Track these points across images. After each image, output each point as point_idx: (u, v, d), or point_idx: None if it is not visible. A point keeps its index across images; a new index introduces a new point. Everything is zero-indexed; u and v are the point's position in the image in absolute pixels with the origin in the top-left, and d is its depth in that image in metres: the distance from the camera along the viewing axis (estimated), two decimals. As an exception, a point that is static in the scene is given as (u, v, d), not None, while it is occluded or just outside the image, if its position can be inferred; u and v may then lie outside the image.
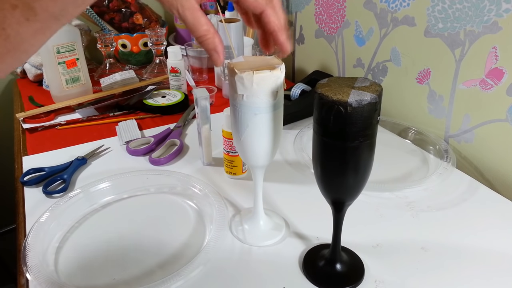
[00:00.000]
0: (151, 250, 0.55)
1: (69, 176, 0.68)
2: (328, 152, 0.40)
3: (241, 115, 0.45)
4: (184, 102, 0.95)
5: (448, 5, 0.70)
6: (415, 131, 0.81)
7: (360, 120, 0.37)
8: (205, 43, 0.38)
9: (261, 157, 0.49)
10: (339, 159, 0.40)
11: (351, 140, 0.38)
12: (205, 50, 0.39)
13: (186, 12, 0.36)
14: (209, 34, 0.38)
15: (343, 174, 0.41)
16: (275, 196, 0.65)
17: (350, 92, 0.37)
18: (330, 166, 0.42)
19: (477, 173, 0.74)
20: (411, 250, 0.54)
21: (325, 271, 0.50)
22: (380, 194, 0.65)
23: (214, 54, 0.39)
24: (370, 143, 0.40)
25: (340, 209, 0.46)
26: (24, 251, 0.51)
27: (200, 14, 0.37)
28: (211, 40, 0.38)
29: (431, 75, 0.78)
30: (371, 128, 0.38)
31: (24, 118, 0.89)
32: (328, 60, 1.05)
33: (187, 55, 1.10)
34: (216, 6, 1.24)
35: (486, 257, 0.53)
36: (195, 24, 0.37)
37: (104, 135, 0.84)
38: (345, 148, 0.39)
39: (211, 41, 0.38)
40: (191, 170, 0.71)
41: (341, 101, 0.36)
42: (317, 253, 0.53)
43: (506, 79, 0.65)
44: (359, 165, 0.41)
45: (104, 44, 1.07)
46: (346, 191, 0.43)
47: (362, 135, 0.38)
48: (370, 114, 0.37)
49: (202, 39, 0.38)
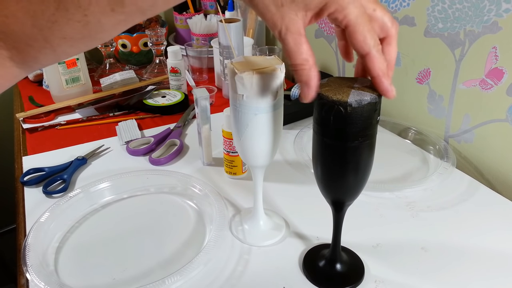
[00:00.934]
0: (151, 250, 0.55)
1: (69, 176, 0.68)
2: (328, 152, 0.40)
3: (241, 115, 0.45)
4: (184, 102, 0.95)
5: (448, 5, 0.70)
6: (415, 131, 0.81)
7: (360, 120, 0.37)
8: (299, 73, 0.35)
9: (261, 157, 0.49)
10: (339, 159, 0.40)
11: (351, 140, 0.38)
12: (297, 80, 0.36)
13: (288, 36, 0.33)
14: (307, 65, 0.35)
15: (343, 174, 0.41)
16: (275, 196, 0.65)
17: (350, 92, 0.37)
18: (330, 166, 0.42)
19: (477, 173, 0.74)
20: (411, 250, 0.54)
21: (325, 271, 0.50)
22: (380, 194, 0.65)
23: (305, 88, 0.36)
24: (370, 143, 0.40)
25: (340, 209, 0.46)
26: (24, 251, 0.51)
27: (303, 41, 0.34)
28: (307, 72, 0.35)
29: (431, 75, 0.78)
30: (371, 128, 0.38)
31: (24, 118, 0.89)
32: (328, 60, 1.05)
33: (187, 55, 1.10)
34: (216, 6, 1.24)
35: (486, 257, 0.53)
36: (295, 50, 0.34)
37: (104, 135, 0.84)
38: (345, 148, 0.39)
39: (306, 73, 0.35)
40: (191, 170, 0.71)
41: (341, 101, 0.36)
42: (317, 253, 0.53)
43: (506, 79, 0.65)
44: (359, 165, 0.41)
45: (104, 44, 1.07)
46: (346, 191, 0.43)
47: (362, 135, 0.38)
48: (370, 114, 0.37)
49: (297, 68, 0.35)
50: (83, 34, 0.28)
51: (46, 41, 0.28)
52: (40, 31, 0.27)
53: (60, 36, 0.28)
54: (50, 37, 0.28)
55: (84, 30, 0.28)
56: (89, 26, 0.28)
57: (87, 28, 0.28)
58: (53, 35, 0.28)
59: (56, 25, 0.27)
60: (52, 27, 0.27)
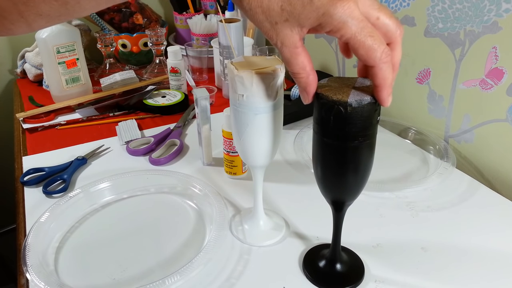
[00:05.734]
0: (151, 250, 0.55)
1: (69, 176, 0.68)
2: (328, 152, 0.40)
3: (241, 115, 0.45)
4: (184, 102, 0.95)
5: (448, 5, 0.70)
6: (415, 131, 0.81)
7: (360, 120, 0.37)
8: (297, 81, 0.37)
9: (261, 157, 0.49)
10: (339, 159, 0.40)
11: (351, 140, 0.38)
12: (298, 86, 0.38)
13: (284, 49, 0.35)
14: (303, 73, 0.36)
15: (343, 174, 0.41)
16: (275, 196, 0.65)
17: (350, 92, 0.37)
18: (330, 166, 0.42)
19: (477, 173, 0.74)
20: (411, 250, 0.54)
21: (325, 271, 0.50)
22: (380, 194, 0.65)
23: (303, 93, 0.38)
24: (370, 143, 0.40)
25: (340, 209, 0.46)
26: (24, 251, 0.51)
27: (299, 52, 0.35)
28: (304, 80, 0.37)
29: (431, 75, 0.78)
30: (371, 128, 0.38)
31: (24, 118, 0.89)
32: (328, 60, 1.05)
33: (187, 55, 1.10)
34: (216, 6, 1.24)
35: (486, 257, 0.53)
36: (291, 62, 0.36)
37: (104, 135, 0.84)
38: (345, 148, 0.39)
39: (304, 80, 0.37)
40: (191, 170, 0.71)
41: (341, 101, 0.36)
42: (317, 253, 0.53)
43: (506, 79, 0.65)
44: (359, 165, 0.41)
45: (104, 44, 1.07)
46: (346, 191, 0.43)
47: (362, 135, 0.38)
48: (370, 114, 0.37)
49: (295, 76, 0.37)
50: (60, 13, 0.28)
51: (21, 15, 0.28)
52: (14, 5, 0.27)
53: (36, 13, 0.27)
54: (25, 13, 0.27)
55: (62, 9, 0.27)
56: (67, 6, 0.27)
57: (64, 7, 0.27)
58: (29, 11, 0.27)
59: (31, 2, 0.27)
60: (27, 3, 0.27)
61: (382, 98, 0.36)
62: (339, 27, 0.32)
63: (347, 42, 0.33)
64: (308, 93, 0.38)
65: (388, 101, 0.36)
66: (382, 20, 0.35)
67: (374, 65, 0.34)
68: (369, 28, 0.33)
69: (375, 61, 0.34)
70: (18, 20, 0.28)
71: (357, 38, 0.33)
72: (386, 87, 0.35)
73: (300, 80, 0.37)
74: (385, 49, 0.34)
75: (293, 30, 0.34)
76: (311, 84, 0.37)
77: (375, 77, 0.35)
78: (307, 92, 0.38)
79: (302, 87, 0.38)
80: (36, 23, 0.29)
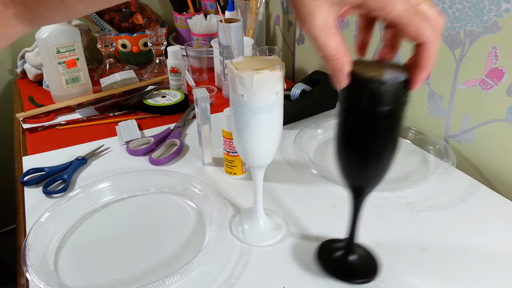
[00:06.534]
0: (151, 250, 0.55)
1: (69, 176, 0.68)
2: (356, 133, 0.39)
3: (241, 115, 0.45)
4: (184, 102, 0.95)
5: (448, 5, 0.70)
6: (415, 131, 0.80)
7: (394, 99, 0.36)
8: (332, 63, 0.35)
9: (261, 157, 0.49)
10: (368, 140, 0.39)
11: (384, 119, 0.37)
12: (330, 70, 0.36)
13: (316, 31, 0.33)
14: (339, 54, 0.34)
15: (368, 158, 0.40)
16: (275, 196, 0.65)
17: (383, 70, 0.36)
18: (356, 148, 0.41)
19: (477, 173, 0.74)
20: (411, 250, 0.54)
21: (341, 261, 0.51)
22: (380, 194, 0.65)
23: (339, 75, 0.36)
24: (399, 125, 0.39)
25: (360, 196, 0.45)
26: (24, 251, 0.51)
27: (333, 32, 0.33)
28: (340, 60, 0.35)
29: (431, 75, 0.78)
30: (403, 108, 0.38)
31: (24, 118, 0.89)
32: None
33: (187, 55, 1.10)
34: (216, 6, 1.24)
35: (486, 257, 0.53)
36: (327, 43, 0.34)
37: (104, 135, 0.84)
38: (376, 128, 0.38)
39: (340, 61, 0.35)
40: (191, 170, 0.71)
41: (375, 78, 0.35)
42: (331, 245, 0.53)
43: (506, 79, 0.65)
44: (386, 147, 0.40)
45: (104, 44, 1.07)
46: (369, 177, 0.43)
47: (393, 115, 0.37)
48: (404, 93, 0.37)
49: (330, 58, 0.35)
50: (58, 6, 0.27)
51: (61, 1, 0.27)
52: None
53: None
54: None
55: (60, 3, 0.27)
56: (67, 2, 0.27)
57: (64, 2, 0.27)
58: None
59: None
60: None
61: (419, 79, 0.35)
62: (384, 5, 0.32)
63: (391, 21, 0.33)
64: (345, 74, 0.36)
65: (420, 83, 0.36)
66: (423, 7, 0.34)
67: (424, 41, 0.33)
68: (414, 8, 0.32)
69: (427, 36, 0.33)
70: (57, 6, 0.28)
71: (406, 15, 0.32)
72: (428, 68, 0.35)
73: (336, 61, 0.35)
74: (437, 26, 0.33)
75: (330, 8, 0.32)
76: (347, 64, 0.35)
77: (421, 55, 0.34)
78: (343, 73, 0.36)
79: (339, 68, 0.35)
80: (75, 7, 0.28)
